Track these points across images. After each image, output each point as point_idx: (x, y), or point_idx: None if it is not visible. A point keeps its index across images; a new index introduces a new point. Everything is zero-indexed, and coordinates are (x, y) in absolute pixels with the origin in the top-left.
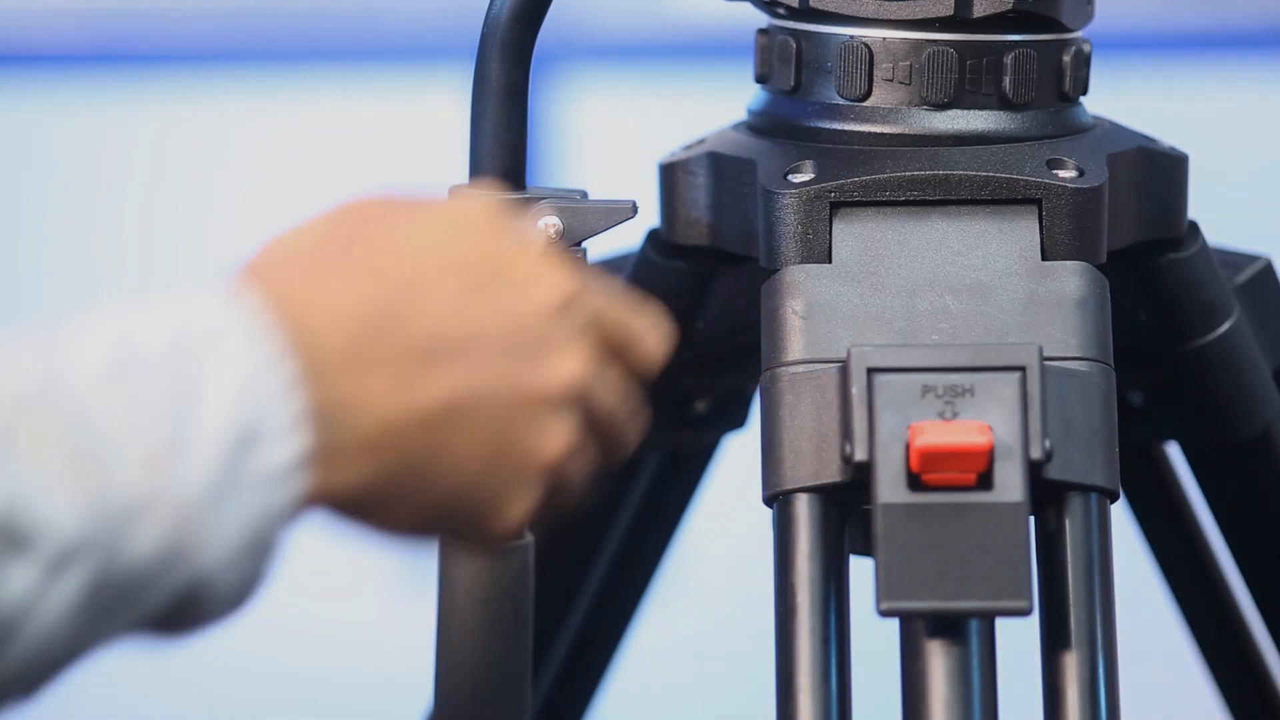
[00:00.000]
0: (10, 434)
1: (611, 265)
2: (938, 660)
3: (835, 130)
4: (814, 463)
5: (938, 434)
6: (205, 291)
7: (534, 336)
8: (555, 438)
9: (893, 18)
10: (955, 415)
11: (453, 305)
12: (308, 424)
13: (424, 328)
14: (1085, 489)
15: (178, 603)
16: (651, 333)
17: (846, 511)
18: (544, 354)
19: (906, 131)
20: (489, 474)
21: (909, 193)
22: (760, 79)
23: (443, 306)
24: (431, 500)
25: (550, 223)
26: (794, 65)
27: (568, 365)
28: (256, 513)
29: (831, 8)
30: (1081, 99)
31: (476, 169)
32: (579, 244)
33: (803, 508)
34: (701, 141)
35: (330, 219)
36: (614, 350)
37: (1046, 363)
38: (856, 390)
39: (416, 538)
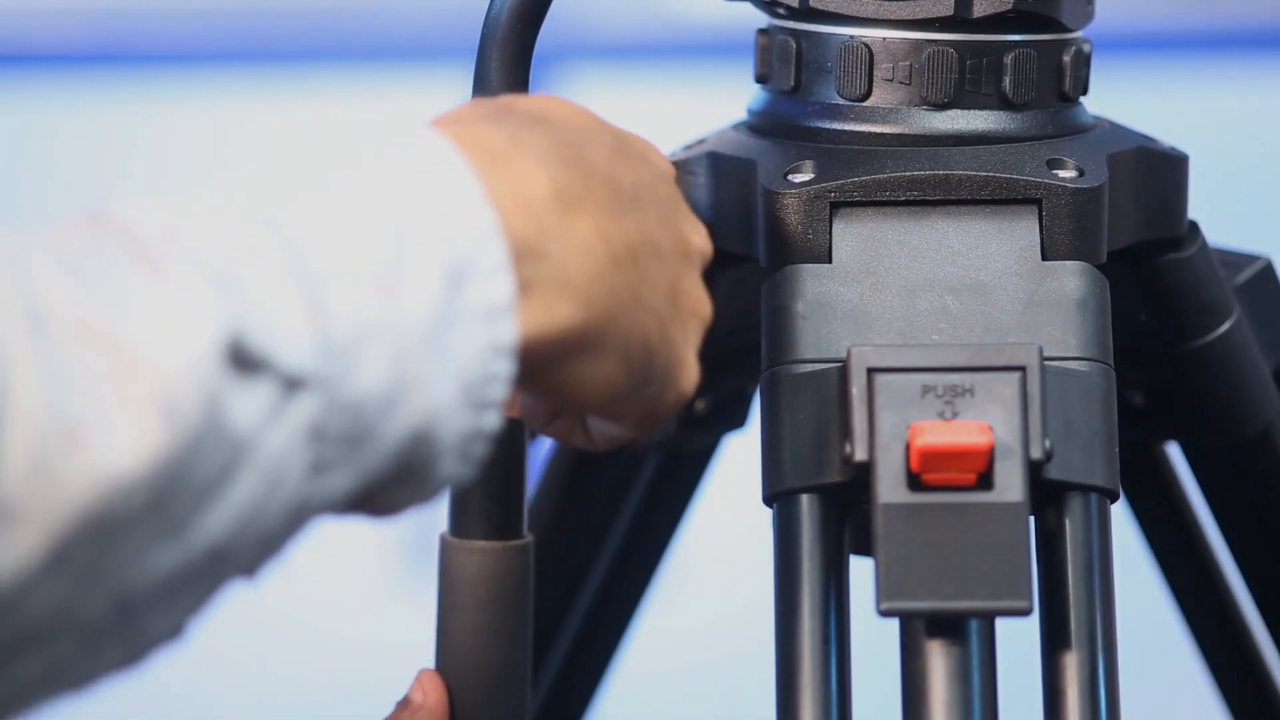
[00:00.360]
0: (236, 265)
1: None
2: (938, 660)
3: (835, 130)
4: (814, 463)
5: (938, 434)
6: (410, 139)
7: (669, 198)
8: (703, 292)
9: (893, 18)
10: (955, 415)
11: (610, 160)
12: (517, 263)
13: (603, 175)
14: (1085, 489)
15: (406, 452)
16: None
17: (846, 511)
18: (680, 214)
19: (906, 131)
20: (673, 320)
21: (909, 193)
22: (760, 79)
23: (605, 159)
24: (634, 345)
25: None
26: (794, 65)
27: (698, 226)
28: (475, 350)
29: (831, 8)
30: (1081, 99)
31: None
32: None
33: (803, 508)
34: (701, 141)
35: (469, 105)
36: None
37: (1046, 363)
38: (856, 390)
39: (616, 397)
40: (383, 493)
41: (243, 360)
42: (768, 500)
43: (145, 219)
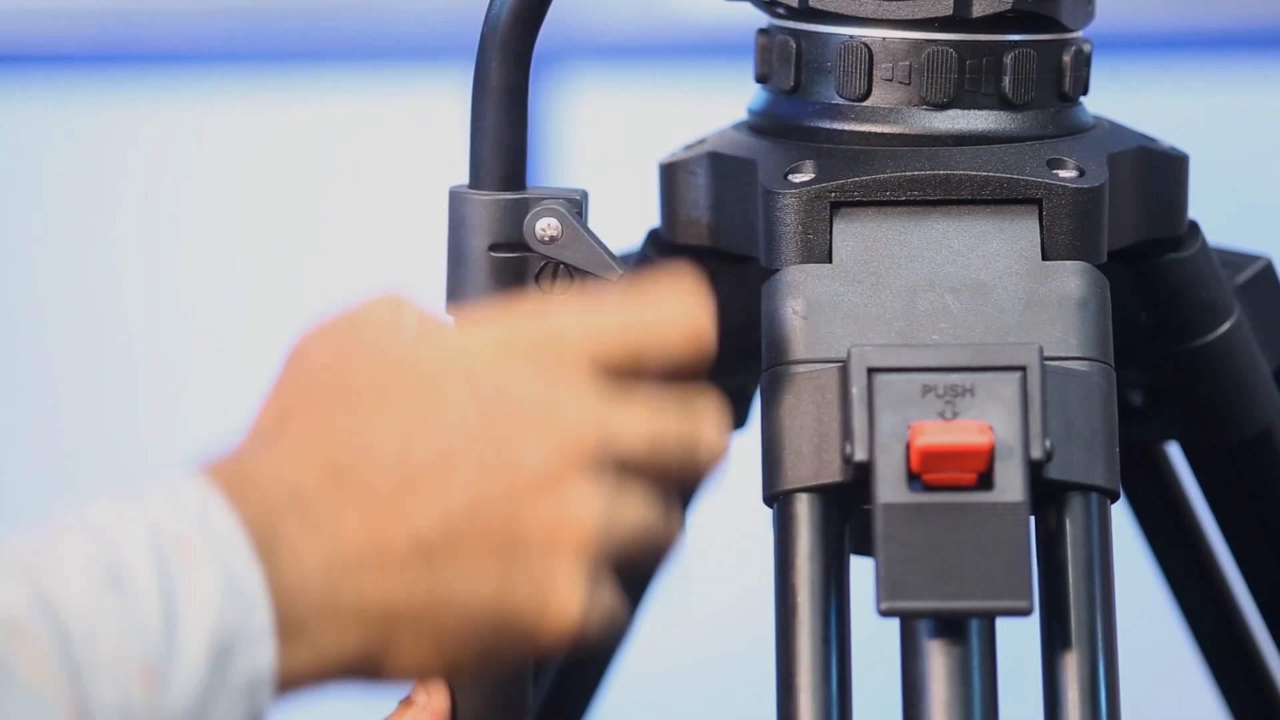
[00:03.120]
0: (9, 662)
1: None
2: (938, 660)
3: (835, 130)
4: (814, 463)
5: (938, 434)
6: (171, 488)
7: (506, 423)
8: (580, 508)
9: (892, 18)
10: (955, 415)
11: (397, 435)
12: (279, 610)
13: (380, 469)
14: (1085, 489)
15: None
16: (671, 320)
17: (847, 511)
18: (526, 437)
19: (906, 131)
20: (510, 578)
21: (909, 193)
22: (760, 79)
23: (387, 443)
24: (449, 632)
25: (549, 224)
26: (794, 65)
27: (564, 434)
28: (243, 713)
29: (831, 8)
30: (1082, 99)
31: (476, 169)
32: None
33: (803, 508)
34: (702, 141)
35: (283, 377)
36: (630, 363)
37: (1047, 362)
38: (857, 390)
39: (451, 668)
40: None
41: None
42: (768, 500)
43: None
